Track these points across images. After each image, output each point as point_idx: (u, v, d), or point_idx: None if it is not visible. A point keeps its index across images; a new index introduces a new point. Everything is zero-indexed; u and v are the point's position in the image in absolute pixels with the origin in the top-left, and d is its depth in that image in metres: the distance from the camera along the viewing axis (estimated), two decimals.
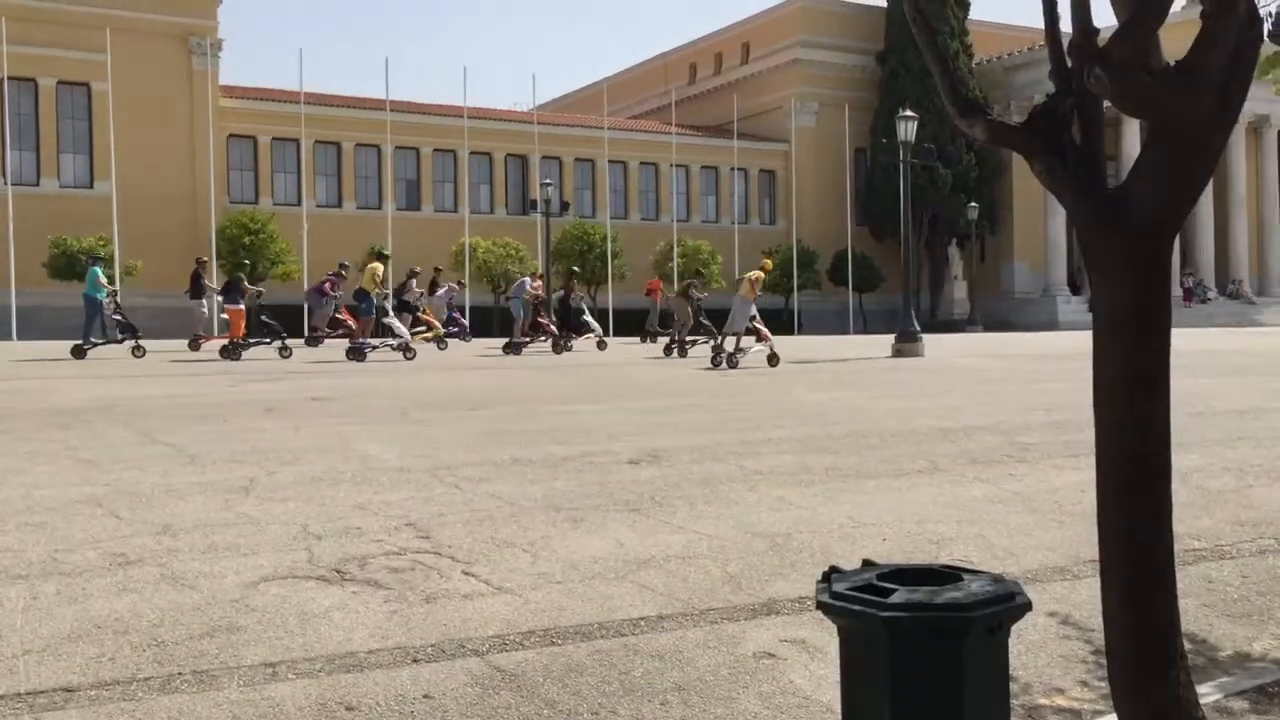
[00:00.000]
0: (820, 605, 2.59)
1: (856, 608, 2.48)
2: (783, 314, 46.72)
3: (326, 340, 24.78)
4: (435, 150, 46.54)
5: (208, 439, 10.08)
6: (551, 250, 40.29)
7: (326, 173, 45.36)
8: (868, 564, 2.81)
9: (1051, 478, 8.75)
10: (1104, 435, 3.28)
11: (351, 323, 24.05)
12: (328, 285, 24.94)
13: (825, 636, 4.81)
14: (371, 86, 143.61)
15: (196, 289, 25.07)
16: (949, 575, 2.64)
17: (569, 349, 26.76)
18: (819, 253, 49.52)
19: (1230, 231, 55.82)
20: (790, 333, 44.43)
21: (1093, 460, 3.38)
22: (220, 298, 23.71)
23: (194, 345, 24.06)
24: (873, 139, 50.15)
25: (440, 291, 29.86)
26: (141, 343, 22.18)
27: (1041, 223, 52.23)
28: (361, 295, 24.00)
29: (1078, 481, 8.48)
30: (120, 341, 22.08)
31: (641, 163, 51.00)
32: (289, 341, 23.01)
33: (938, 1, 49.33)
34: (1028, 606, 2.53)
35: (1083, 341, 28.11)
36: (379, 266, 24.80)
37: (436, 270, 30.70)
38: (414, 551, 6.17)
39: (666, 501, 7.61)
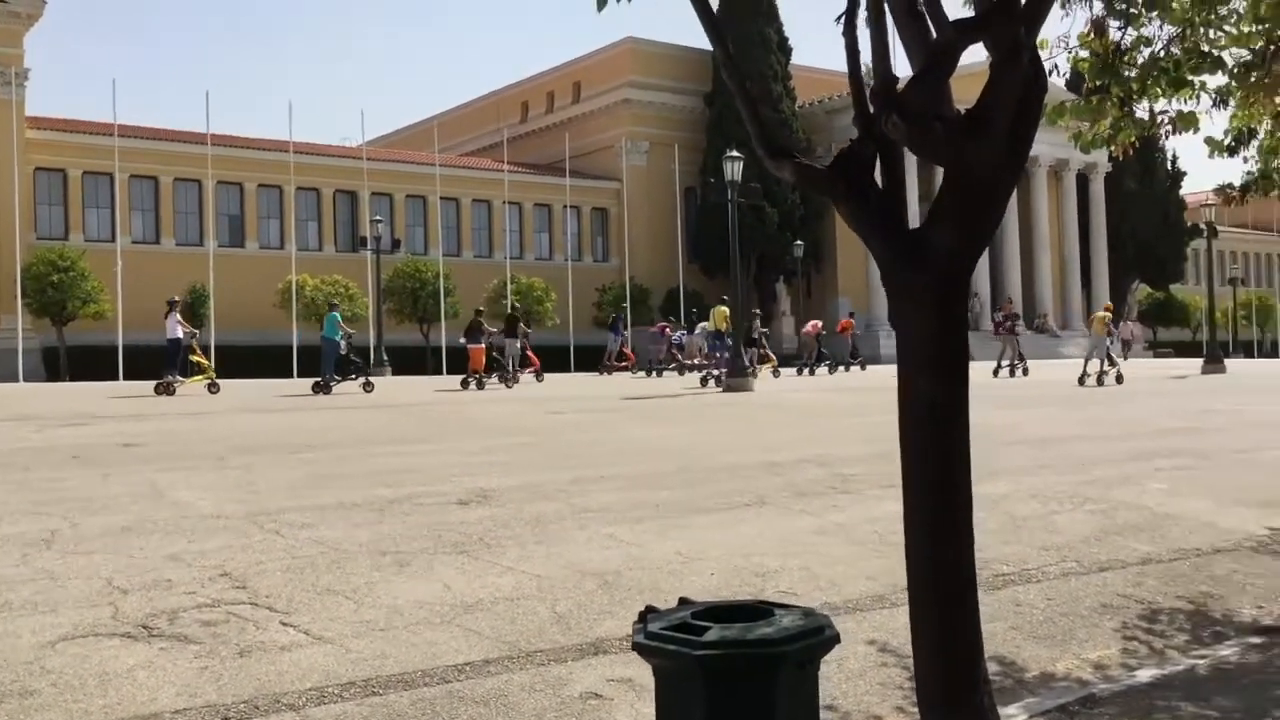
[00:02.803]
0: (636, 646, 2.58)
1: (671, 647, 2.49)
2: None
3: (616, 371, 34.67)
4: (260, 185, 45.23)
5: (5, 489, 9.47)
6: (383, 288, 39.60)
7: (143, 208, 43.52)
8: (684, 602, 2.83)
9: (872, 508, 9.02)
10: (909, 465, 3.40)
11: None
12: (667, 329, 35.85)
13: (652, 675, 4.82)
14: (192, 120, 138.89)
15: (473, 335, 27.85)
16: (762, 611, 2.67)
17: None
18: (651, 290, 50.13)
19: (1035, 269, 59.11)
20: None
21: None
22: (464, 339, 27.97)
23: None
24: (702, 178, 51.21)
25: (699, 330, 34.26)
26: (372, 379, 25.11)
27: (864, 260, 54.16)
28: (717, 334, 29.12)
29: (896, 511, 8.68)
30: (354, 378, 24.45)
31: (474, 200, 50.72)
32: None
33: (760, 46, 50.87)
34: (836, 639, 2.59)
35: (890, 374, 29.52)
36: (725, 309, 29.16)
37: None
38: (229, 603, 5.92)
39: (496, 542, 7.52)
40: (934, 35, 3.02)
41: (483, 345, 26.99)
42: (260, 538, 7.55)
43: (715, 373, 27.69)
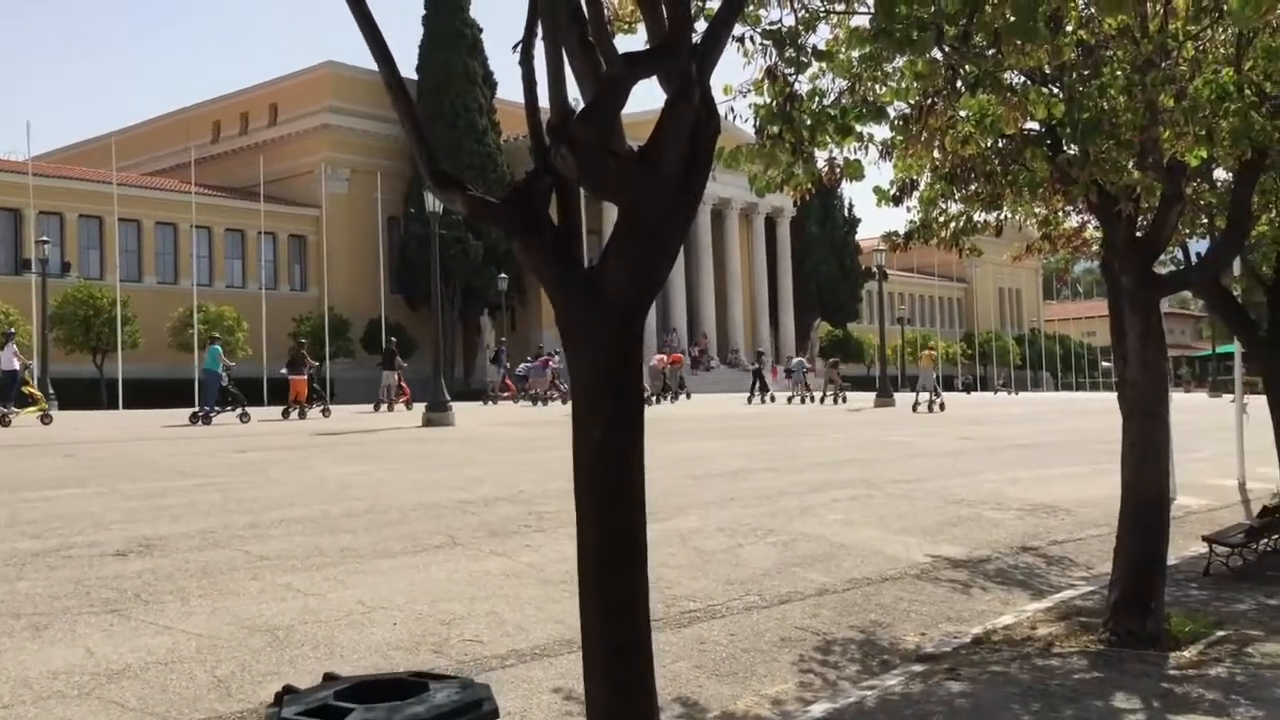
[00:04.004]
0: None
1: None
2: (313, 384, 45.19)
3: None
4: None
5: None
6: (50, 315, 36.30)
7: None
8: (329, 679, 2.54)
9: (565, 546, 8.88)
10: (584, 512, 3.25)
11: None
12: (549, 360, 36.68)
13: None
14: None
15: (294, 365, 28.42)
16: (416, 685, 2.43)
17: None
18: (352, 321, 48.56)
19: (728, 306, 61.90)
20: (323, 403, 43.02)
21: None
22: (285, 369, 28.53)
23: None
24: (406, 208, 50.35)
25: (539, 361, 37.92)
26: (247, 410, 25.18)
27: None
28: None
29: None
30: (232, 409, 24.83)
31: (158, 223, 47.49)
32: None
33: (465, 80, 50.74)
34: (495, 714, 2.38)
35: None
36: None
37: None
38: None
39: (155, 598, 6.84)
40: (604, 68, 2.91)
41: (305, 376, 28.12)
42: None
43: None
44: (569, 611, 6.87)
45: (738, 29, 3.99)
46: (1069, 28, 6.42)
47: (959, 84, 4.55)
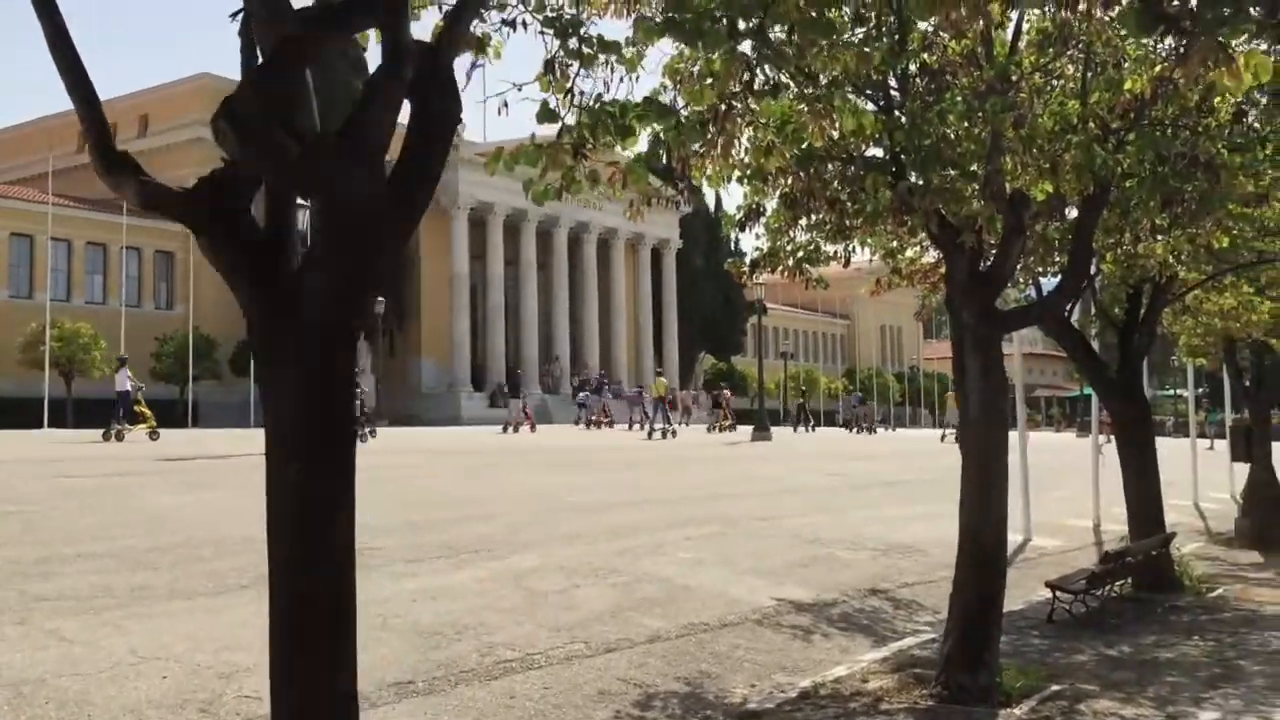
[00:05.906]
0: None
1: None
2: (176, 405, 43.43)
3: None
4: None
5: None
6: None
7: None
8: None
9: (386, 586, 8.28)
10: (278, 570, 2.70)
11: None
12: (641, 394, 40.89)
13: None
14: None
15: (515, 392, 35.89)
16: None
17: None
18: (220, 341, 46.82)
19: (612, 336, 61.59)
20: (184, 426, 41.31)
21: (446, 563, 2.79)
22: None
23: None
24: None
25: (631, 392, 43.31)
26: (367, 430, 26.39)
27: (447, 320, 53.93)
28: (660, 399, 36.80)
29: (416, 589, 8.10)
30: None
31: (13, 234, 45.27)
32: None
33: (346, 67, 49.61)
34: None
35: (479, 436, 29.50)
36: (665, 380, 39.21)
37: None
38: None
39: None
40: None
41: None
42: None
43: (659, 426, 34.20)
44: (374, 662, 6.27)
45: (516, 14, 3.53)
46: (912, 47, 6.15)
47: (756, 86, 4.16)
